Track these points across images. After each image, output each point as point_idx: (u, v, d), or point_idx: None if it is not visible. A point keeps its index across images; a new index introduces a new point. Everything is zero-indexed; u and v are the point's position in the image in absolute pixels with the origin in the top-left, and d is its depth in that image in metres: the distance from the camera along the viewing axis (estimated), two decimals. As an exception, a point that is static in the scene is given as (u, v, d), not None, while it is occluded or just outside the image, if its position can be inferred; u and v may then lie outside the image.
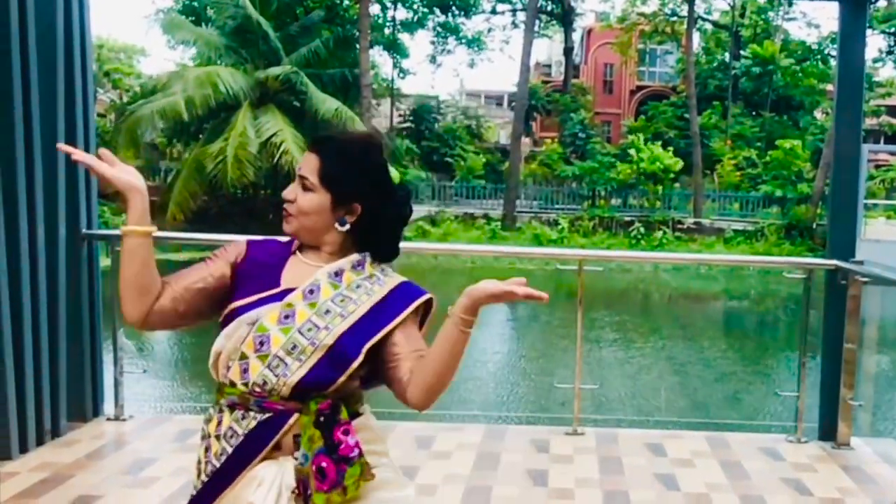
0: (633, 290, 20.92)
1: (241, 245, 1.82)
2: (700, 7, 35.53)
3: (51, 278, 4.01)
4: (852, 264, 4.40)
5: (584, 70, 41.64)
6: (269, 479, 1.64)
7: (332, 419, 1.63)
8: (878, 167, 31.68)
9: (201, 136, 25.70)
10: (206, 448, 1.71)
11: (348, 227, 1.74)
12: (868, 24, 4.84)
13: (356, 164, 1.73)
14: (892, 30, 34.24)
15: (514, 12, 39.14)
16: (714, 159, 31.46)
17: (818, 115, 35.88)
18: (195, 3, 31.59)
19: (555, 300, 13.65)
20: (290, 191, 1.74)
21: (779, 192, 28.58)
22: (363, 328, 1.68)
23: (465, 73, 65.11)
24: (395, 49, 36.31)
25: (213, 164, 23.08)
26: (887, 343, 12.24)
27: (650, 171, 28.62)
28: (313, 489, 1.60)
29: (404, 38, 37.32)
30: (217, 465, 1.68)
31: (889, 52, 35.71)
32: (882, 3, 33.31)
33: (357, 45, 27.85)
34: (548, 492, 3.72)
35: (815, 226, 26.85)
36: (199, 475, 1.73)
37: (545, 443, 4.38)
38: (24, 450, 3.86)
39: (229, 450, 1.67)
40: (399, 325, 1.70)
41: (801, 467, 4.14)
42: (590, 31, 41.70)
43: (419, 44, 49.69)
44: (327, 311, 1.68)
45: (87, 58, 4.28)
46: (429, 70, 52.95)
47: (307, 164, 1.73)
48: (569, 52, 37.70)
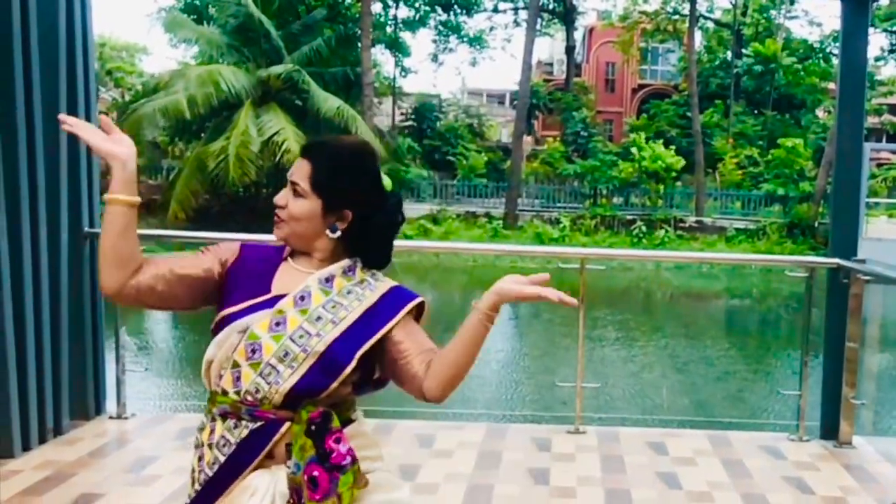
0: (634, 289, 20.92)
1: (235, 246, 1.81)
2: (702, 5, 35.52)
3: (53, 277, 4.02)
4: (854, 263, 4.40)
5: (585, 68, 41.59)
6: (263, 488, 1.64)
7: (323, 427, 1.62)
8: (879, 166, 31.64)
9: (203, 134, 25.73)
10: (200, 457, 1.72)
11: (339, 233, 1.73)
12: (870, 23, 4.83)
13: (348, 171, 1.72)
14: (895, 28, 34.20)
15: (515, 11, 39.15)
16: (716, 158, 31.42)
17: (820, 113, 35.83)
18: (197, 2, 31.62)
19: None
20: (282, 196, 1.73)
21: (781, 191, 28.56)
22: (355, 334, 1.68)
23: (467, 72, 65.22)
24: (397, 47, 36.31)
25: (215, 163, 23.11)
26: (889, 342, 12.23)
27: (652, 170, 28.61)
28: (306, 498, 1.60)
29: (406, 36, 37.37)
30: (210, 473, 1.68)
31: (891, 51, 35.68)
32: (884, 2, 33.26)
33: (359, 44, 27.84)
34: (549, 490, 3.72)
35: (816, 224, 26.83)
36: (193, 484, 1.73)
37: (547, 441, 4.38)
38: (26, 448, 3.87)
39: (222, 459, 1.67)
40: (398, 325, 1.70)
41: (802, 466, 4.14)
42: (592, 30, 41.67)
43: (421, 42, 49.98)
44: (318, 318, 1.68)
45: (90, 56, 4.28)
46: (430, 68, 53.01)
47: (299, 170, 1.72)
48: (570, 50, 37.66)
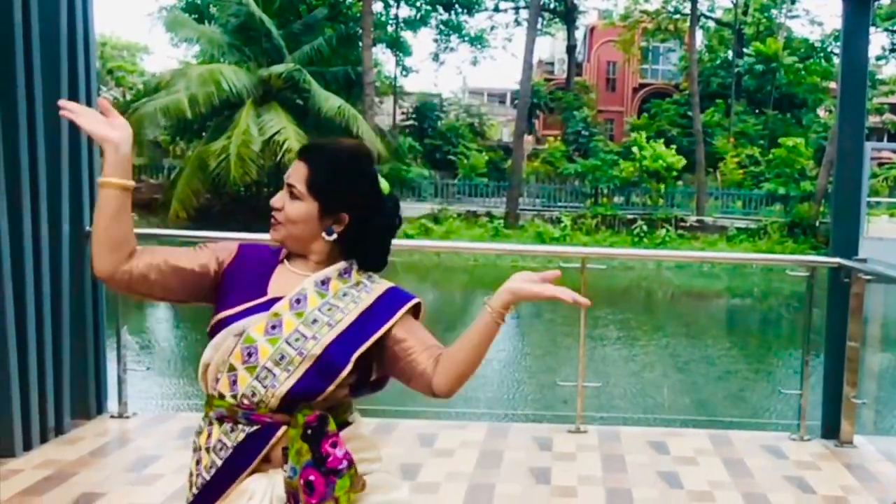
0: (635, 288, 20.91)
1: (233, 247, 1.80)
2: (703, 4, 35.47)
3: (54, 276, 4.02)
4: (855, 262, 4.39)
5: (586, 68, 41.57)
6: (260, 492, 1.64)
7: (319, 431, 1.62)
8: (881, 165, 31.62)
9: (204, 133, 25.75)
10: (198, 461, 1.72)
11: (335, 236, 1.72)
12: (871, 22, 4.83)
13: (345, 174, 1.72)
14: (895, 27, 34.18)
15: (516, 10, 39.14)
16: (717, 157, 31.40)
17: (821, 112, 35.80)
18: (198, 1, 31.63)
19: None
20: (278, 199, 1.72)
21: (782, 190, 28.54)
22: (351, 337, 1.67)
23: (468, 71, 65.08)
24: (398, 47, 36.30)
25: (216, 162, 23.14)
26: (890, 341, 12.20)
27: (653, 169, 28.60)
28: (303, 503, 1.60)
29: (407, 35, 37.33)
30: (207, 477, 1.68)
31: (892, 50, 35.61)
32: (885, 1, 33.23)
33: (360, 43, 27.85)
34: (550, 489, 3.72)
35: (817, 223, 26.82)
36: (190, 487, 1.73)
37: (548, 440, 4.38)
38: (27, 447, 3.87)
39: (219, 462, 1.67)
40: (398, 324, 1.70)
41: (804, 465, 4.14)
42: (592, 29, 41.65)
43: (422, 41, 49.91)
44: (314, 321, 1.67)
45: (91, 56, 4.28)
46: (432, 68, 53.05)
47: (295, 173, 1.71)
48: (571, 49, 37.65)
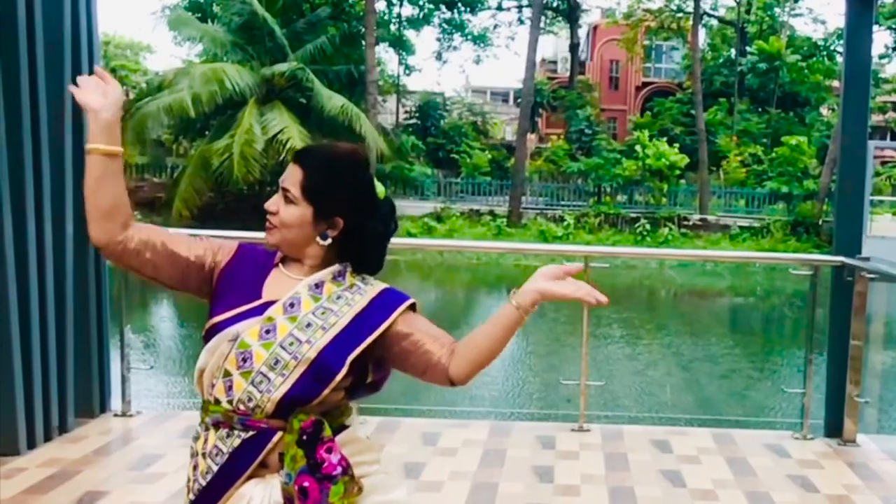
0: (638, 287, 20.88)
1: (232, 247, 1.80)
2: (706, 3, 35.44)
3: (58, 276, 4.02)
4: (858, 261, 4.39)
5: (589, 66, 41.53)
6: (258, 497, 1.64)
7: (314, 437, 1.61)
8: (884, 163, 31.60)
9: (207, 132, 25.76)
10: (195, 466, 1.71)
11: (330, 241, 1.71)
12: (874, 20, 4.82)
13: (340, 178, 1.70)
14: (899, 26, 34.10)
15: (519, 9, 39.08)
16: (720, 156, 31.37)
17: (824, 111, 35.76)
18: (201, 0, 31.62)
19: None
20: (273, 202, 1.72)
21: (784, 189, 28.50)
22: (346, 339, 1.66)
23: (471, 70, 64.83)
24: (401, 46, 36.29)
25: (219, 161, 23.14)
26: (894, 339, 12.18)
27: (656, 168, 28.57)
28: None
29: (410, 34, 37.34)
30: (203, 483, 1.68)
31: (895, 48, 35.55)
32: (889, -1, 33.18)
33: (363, 42, 27.87)
34: (553, 488, 3.73)
35: (821, 222, 26.77)
36: (188, 493, 1.73)
37: (551, 439, 4.39)
38: (31, 445, 3.88)
39: (215, 468, 1.66)
40: (399, 320, 1.69)
41: (807, 464, 4.14)
42: (595, 28, 41.62)
43: (425, 40, 49.81)
44: (308, 325, 1.66)
45: (95, 55, 4.29)
46: (434, 66, 53.24)
47: (290, 177, 1.70)
48: (574, 48, 37.60)
